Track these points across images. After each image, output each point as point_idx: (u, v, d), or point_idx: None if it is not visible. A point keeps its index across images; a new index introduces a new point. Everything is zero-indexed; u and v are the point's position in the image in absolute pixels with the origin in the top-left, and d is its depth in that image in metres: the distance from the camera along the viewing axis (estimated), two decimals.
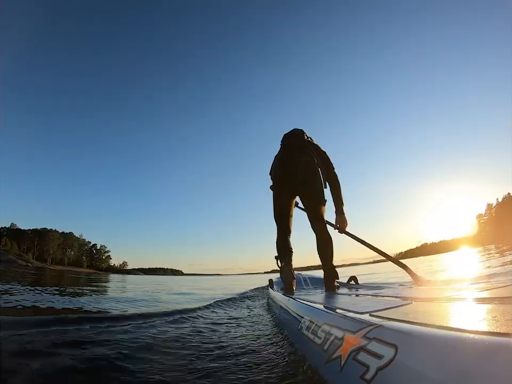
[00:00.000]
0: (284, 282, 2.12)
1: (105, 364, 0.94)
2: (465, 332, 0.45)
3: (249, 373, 0.89)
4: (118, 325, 1.59)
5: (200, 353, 1.11)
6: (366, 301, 1.17)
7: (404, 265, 2.09)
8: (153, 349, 1.15)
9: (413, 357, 0.45)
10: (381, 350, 0.51)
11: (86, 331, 1.38)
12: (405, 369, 0.44)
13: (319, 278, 3.13)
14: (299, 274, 3.41)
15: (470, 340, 0.41)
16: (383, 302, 0.97)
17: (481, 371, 0.35)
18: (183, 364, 0.98)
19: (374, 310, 0.77)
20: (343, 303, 1.22)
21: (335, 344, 0.69)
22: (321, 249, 2.06)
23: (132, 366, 0.92)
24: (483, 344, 0.39)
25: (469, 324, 0.51)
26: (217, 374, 0.89)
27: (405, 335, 0.50)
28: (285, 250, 2.18)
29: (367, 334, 0.58)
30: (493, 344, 0.38)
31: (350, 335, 0.64)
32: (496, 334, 0.41)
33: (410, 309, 0.77)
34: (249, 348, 1.18)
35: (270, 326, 1.70)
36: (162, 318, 1.92)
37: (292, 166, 2.15)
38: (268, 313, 2.28)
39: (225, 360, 1.03)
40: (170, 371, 0.90)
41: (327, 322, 0.82)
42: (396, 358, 0.46)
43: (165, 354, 1.09)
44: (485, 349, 0.38)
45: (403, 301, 0.94)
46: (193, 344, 1.25)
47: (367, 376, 0.50)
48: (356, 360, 0.56)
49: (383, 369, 0.47)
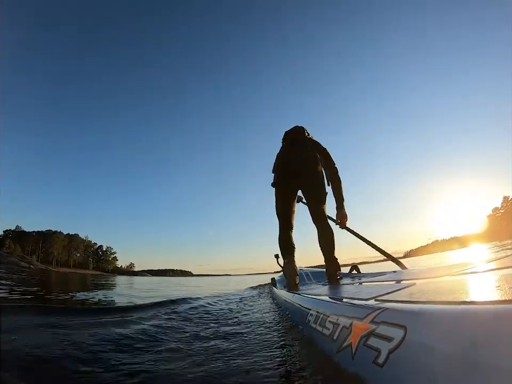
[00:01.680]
0: (287, 279, 2.12)
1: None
2: (471, 304, 0.45)
3: (262, 368, 0.88)
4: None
5: (213, 351, 1.10)
6: (370, 288, 1.17)
7: (400, 263, 2.13)
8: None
9: (422, 334, 0.45)
10: (390, 332, 0.51)
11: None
12: (416, 347, 0.44)
13: (321, 272, 3.14)
14: (301, 269, 3.41)
15: (477, 311, 0.42)
16: (387, 286, 0.98)
17: (491, 340, 0.35)
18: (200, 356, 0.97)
19: (378, 294, 0.78)
20: (348, 292, 1.23)
21: (344, 332, 0.69)
22: (323, 242, 2.08)
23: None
24: (490, 314, 0.39)
25: (473, 296, 0.51)
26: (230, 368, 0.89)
27: (412, 315, 0.51)
28: (288, 246, 2.18)
29: (374, 319, 0.58)
30: (499, 312, 0.38)
31: (358, 321, 0.64)
32: (502, 302, 0.41)
33: (415, 289, 0.77)
34: (258, 344, 1.17)
35: (277, 322, 1.70)
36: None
37: (294, 162, 2.17)
38: (273, 310, 2.28)
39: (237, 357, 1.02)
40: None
41: (334, 312, 0.82)
42: (406, 338, 0.46)
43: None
44: (492, 318, 0.38)
45: (406, 282, 0.95)
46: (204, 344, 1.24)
47: (380, 360, 0.50)
48: (366, 345, 0.56)
49: (394, 351, 0.47)
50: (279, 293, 2.29)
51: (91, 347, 1.08)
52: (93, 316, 1.73)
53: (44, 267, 51.76)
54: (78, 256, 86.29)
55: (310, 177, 2.14)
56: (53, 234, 79.71)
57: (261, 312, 2.11)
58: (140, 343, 1.18)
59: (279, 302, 2.24)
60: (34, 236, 77.22)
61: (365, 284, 1.49)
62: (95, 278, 13.37)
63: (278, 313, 2.04)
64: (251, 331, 1.43)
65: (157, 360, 0.98)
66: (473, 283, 0.70)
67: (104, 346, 1.10)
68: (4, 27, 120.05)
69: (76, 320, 1.54)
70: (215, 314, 2.02)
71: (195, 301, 2.78)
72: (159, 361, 0.97)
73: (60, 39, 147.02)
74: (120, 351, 1.07)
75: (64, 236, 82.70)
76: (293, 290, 1.82)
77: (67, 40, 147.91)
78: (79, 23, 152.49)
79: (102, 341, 1.16)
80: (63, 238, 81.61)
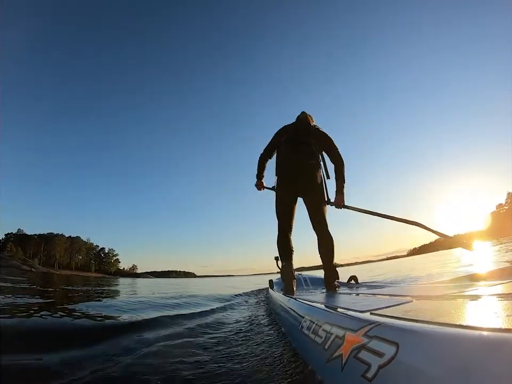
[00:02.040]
0: (284, 282, 2.12)
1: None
2: (466, 328, 0.45)
3: (250, 373, 0.89)
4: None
5: (199, 354, 1.11)
6: (367, 300, 1.16)
7: (419, 224, 1.90)
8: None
9: (414, 354, 0.44)
10: (382, 348, 0.51)
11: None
12: (407, 366, 0.44)
13: (319, 278, 3.12)
14: (299, 274, 3.40)
15: (471, 336, 0.41)
16: (384, 300, 0.97)
17: (482, 367, 0.35)
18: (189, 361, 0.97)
19: (374, 308, 0.77)
20: (344, 302, 1.22)
21: (336, 343, 0.68)
22: (323, 249, 2.06)
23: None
24: (484, 340, 0.39)
25: (469, 321, 0.50)
26: (216, 374, 0.89)
27: (406, 333, 0.50)
28: (286, 249, 2.17)
29: (368, 332, 0.58)
30: (494, 340, 0.38)
31: (351, 333, 0.64)
32: (498, 330, 0.41)
33: (411, 307, 0.77)
34: (249, 348, 1.18)
35: (270, 326, 1.70)
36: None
37: (296, 165, 2.16)
38: (268, 313, 2.28)
39: (225, 360, 1.02)
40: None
41: (328, 322, 0.82)
42: (397, 356, 0.46)
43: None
44: (486, 345, 0.38)
45: (403, 298, 0.94)
46: (192, 344, 1.25)
47: (369, 374, 0.50)
48: (357, 358, 0.56)
49: (384, 367, 0.47)
50: (275, 296, 2.29)
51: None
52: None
53: (45, 270, 52.34)
54: (80, 259, 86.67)
55: (310, 183, 2.13)
56: (55, 237, 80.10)
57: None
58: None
59: (274, 305, 2.24)
60: (36, 238, 77.79)
61: (362, 295, 1.48)
62: (98, 281, 13.42)
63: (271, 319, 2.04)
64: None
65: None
66: (471, 307, 0.69)
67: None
68: (5, 27, 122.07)
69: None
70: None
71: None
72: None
73: (61, 39, 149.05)
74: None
75: (65, 238, 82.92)
76: (289, 295, 1.82)
77: (67, 40, 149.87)
78: (79, 23, 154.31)
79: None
80: (65, 241, 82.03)
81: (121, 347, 1.25)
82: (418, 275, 4.26)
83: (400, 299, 0.94)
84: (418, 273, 5.05)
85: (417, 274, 4.70)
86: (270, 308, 2.56)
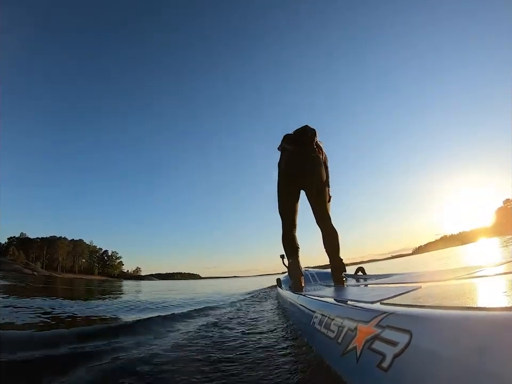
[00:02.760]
0: (292, 279, 2.12)
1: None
2: (477, 309, 0.45)
3: (266, 370, 0.89)
4: None
5: (215, 350, 1.11)
6: (376, 290, 1.17)
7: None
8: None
9: (427, 340, 0.44)
10: (395, 337, 0.51)
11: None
12: (421, 353, 0.44)
13: (326, 273, 3.12)
14: (306, 270, 3.41)
15: (483, 317, 0.41)
16: (393, 289, 0.97)
17: (498, 347, 0.35)
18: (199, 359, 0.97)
19: (384, 298, 0.77)
20: (353, 294, 1.22)
21: (349, 335, 0.69)
22: (328, 243, 2.07)
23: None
24: (497, 320, 0.39)
25: (480, 301, 0.50)
26: (232, 370, 0.89)
27: (418, 319, 0.50)
28: (292, 246, 2.17)
29: (380, 322, 0.58)
30: (507, 319, 0.38)
31: (363, 325, 0.64)
32: (509, 309, 0.41)
33: (421, 293, 0.77)
34: (262, 345, 1.18)
35: (282, 323, 1.70)
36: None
37: (299, 162, 2.17)
38: (278, 311, 2.28)
39: (240, 357, 1.03)
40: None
41: (339, 315, 0.82)
42: (411, 343, 0.46)
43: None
44: (500, 325, 0.38)
45: (412, 285, 0.94)
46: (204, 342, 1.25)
47: (384, 364, 0.50)
48: (371, 349, 0.56)
49: (399, 356, 0.47)
50: (284, 294, 2.29)
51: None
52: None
53: (47, 273, 52.28)
54: (83, 262, 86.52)
55: (315, 178, 2.14)
56: (57, 240, 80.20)
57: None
58: None
59: (284, 303, 2.24)
60: (39, 242, 77.91)
61: (370, 286, 1.48)
62: (101, 284, 13.35)
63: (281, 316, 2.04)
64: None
65: None
66: (480, 288, 0.69)
67: None
68: (5, 28, 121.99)
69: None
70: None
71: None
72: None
73: (65, 40, 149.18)
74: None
75: (68, 241, 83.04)
76: (298, 291, 1.82)
77: (70, 40, 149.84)
78: (81, 23, 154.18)
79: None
80: (68, 244, 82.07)
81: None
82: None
83: (409, 286, 0.94)
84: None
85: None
86: (280, 306, 2.56)
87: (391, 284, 1.28)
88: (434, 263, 8.11)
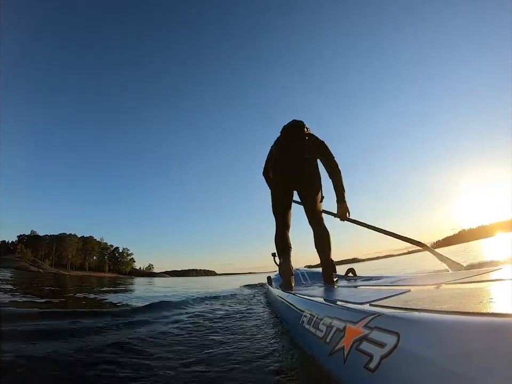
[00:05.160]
0: (283, 278, 2.12)
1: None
2: (465, 314, 0.45)
3: (253, 369, 0.89)
4: None
5: (198, 350, 1.11)
6: (366, 292, 1.17)
7: (425, 246, 2.01)
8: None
9: (415, 342, 0.45)
10: (383, 338, 0.51)
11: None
12: (408, 355, 0.44)
13: (317, 273, 3.14)
14: (297, 269, 3.42)
15: (471, 322, 0.42)
16: (382, 291, 0.98)
17: (484, 352, 0.35)
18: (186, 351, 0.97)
19: (373, 299, 0.78)
20: (343, 295, 1.23)
21: (337, 335, 0.69)
22: (319, 243, 2.07)
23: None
24: (484, 326, 0.39)
25: (468, 307, 0.51)
26: (217, 369, 0.88)
27: (406, 322, 0.51)
28: (284, 246, 2.17)
29: (368, 324, 0.58)
30: (494, 325, 0.38)
31: (351, 325, 0.64)
32: (497, 315, 0.41)
33: (410, 296, 0.77)
34: (250, 344, 1.18)
35: (270, 322, 1.70)
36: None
37: (290, 162, 2.15)
38: (267, 309, 2.28)
39: (226, 356, 1.02)
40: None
41: (328, 315, 0.82)
42: (398, 345, 0.47)
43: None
44: (487, 330, 0.38)
45: (401, 288, 0.95)
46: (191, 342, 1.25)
47: (371, 365, 0.50)
48: (358, 350, 0.56)
49: (386, 357, 0.48)
50: (274, 292, 2.30)
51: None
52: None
53: (55, 271, 51.41)
54: (94, 259, 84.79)
55: (306, 178, 2.13)
56: (67, 237, 78.67)
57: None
58: None
59: (273, 300, 2.25)
60: (48, 239, 76.64)
61: (360, 287, 1.49)
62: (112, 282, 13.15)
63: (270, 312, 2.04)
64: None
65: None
66: (469, 293, 0.70)
67: None
68: (5, 29, 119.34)
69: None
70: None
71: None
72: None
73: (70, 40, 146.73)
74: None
75: (78, 238, 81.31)
76: (288, 290, 1.82)
77: (71, 40, 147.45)
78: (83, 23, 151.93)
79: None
80: (77, 241, 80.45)
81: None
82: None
83: (399, 289, 0.94)
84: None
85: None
86: (270, 304, 2.57)
87: (381, 286, 1.29)
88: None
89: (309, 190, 2.15)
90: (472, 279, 0.94)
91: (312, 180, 2.14)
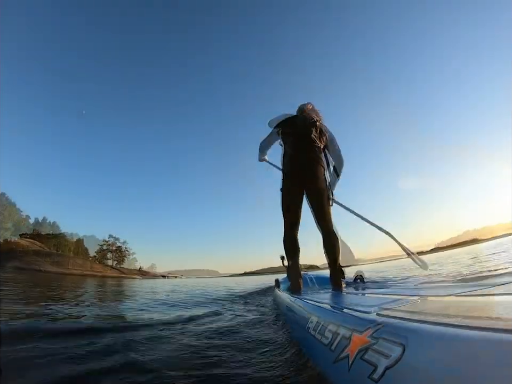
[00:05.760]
0: (291, 281, 2.11)
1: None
2: (473, 329, 0.45)
3: (256, 372, 0.89)
4: None
5: (203, 354, 1.12)
6: (373, 299, 1.16)
7: (389, 234, 2.07)
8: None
9: (420, 355, 0.45)
10: (388, 349, 0.51)
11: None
12: (413, 367, 0.44)
13: (325, 277, 3.10)
14: (305, 273, 3.40)
15: (478, 337, 0.41)
16: (390, 300, 0.97)
17: (491, 369, 0.35)
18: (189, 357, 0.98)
19: (381, 308, 0.77)
20: (350, 302, 1.22)
21: (343, 343, 0.69)
22: (328, 248, 2.05)
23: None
24: (492, 341, 0.39)
25: (476, 321, 0.50)
26: (221, 372, 0.90)
27: (412, 334, 0.50)
28: (292, 248, 2.16)
29: (374, 333, 0.58)
30: (503, 341, 0.38)
31: (357, 334, 0.64)
32: (506, 331, 0.41)
33: (418, 307, 0.76)
34: (255, 347, 1.19)
35: (277, 325, 1.70)
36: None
37: (300, 160, 2.17)
38: (274, 313, 2.28)
39: (231, 358, 1.04)
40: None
41: (334, 322, 0.82)
42: (403, 357, 0.46)
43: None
44: (495, 346, 0.38)
45: (410, 298, 0.94)
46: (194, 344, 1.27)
47: (375, 376, 0.50)
48: (363, 359, 0.56)
49: (391, 368, 0.48)
50: (282, 296, 2.29)
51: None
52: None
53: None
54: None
55: (314, 178, 2.13)
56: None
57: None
58: None
59: (281, 304, 2.25)
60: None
61: (368, 295, 1.48)
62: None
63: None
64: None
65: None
66: (478, 307, 0.68)
67: None
68: (5, 30, 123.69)
69: None
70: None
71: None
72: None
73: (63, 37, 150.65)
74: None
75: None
76: (296, 294, 1.82)
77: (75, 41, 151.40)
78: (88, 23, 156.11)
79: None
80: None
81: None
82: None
83: (407, 298, 0.93)
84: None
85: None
86: (276, 307, 2.56)
87: (389, 295, 1.27)
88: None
89: (316, 191, 2.13)
90: (482, 292, 0.92)
91: (320, 181, 2.13)
